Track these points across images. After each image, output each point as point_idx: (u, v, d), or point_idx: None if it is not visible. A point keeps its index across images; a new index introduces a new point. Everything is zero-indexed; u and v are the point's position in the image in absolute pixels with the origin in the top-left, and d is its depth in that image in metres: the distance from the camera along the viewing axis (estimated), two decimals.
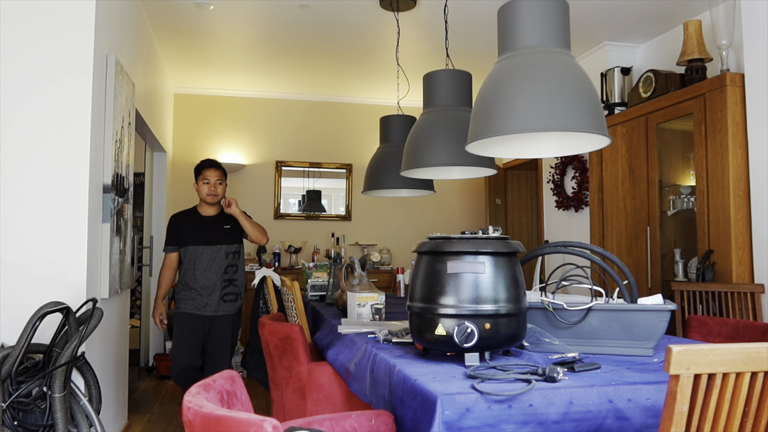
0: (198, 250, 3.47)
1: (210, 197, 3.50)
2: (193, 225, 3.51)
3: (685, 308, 3.30)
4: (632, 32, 4.37)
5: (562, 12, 1.75)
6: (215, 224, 3.53)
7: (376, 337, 1.94)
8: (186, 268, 3.49)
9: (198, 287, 3.45)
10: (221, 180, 3.53)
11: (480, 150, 1.96)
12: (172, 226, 3.54)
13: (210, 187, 3.49)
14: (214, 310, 3.47)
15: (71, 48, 2.57)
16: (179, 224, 3.52)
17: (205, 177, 3.49)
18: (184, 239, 3.49)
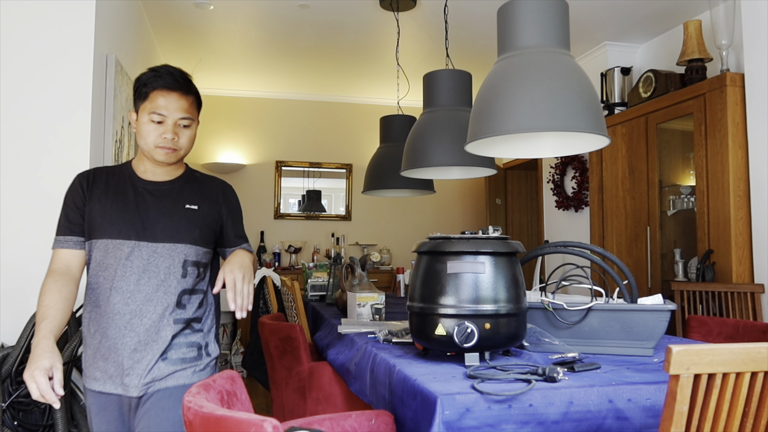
0: (122, 249, 1.58)
1: (164, 151, 1.61)
2: (122, 197, 1.63)
3: (685, 308, 3.30)
4: (632, 32, 4.37)
5: (562, 12, 1.75)
6: (168, 200, 1.66)
7: (376, 337, 1.94)
8: (94, 287, 1.62)
9: (114, 329, 1.57)
10: (189, 118, 1.64)
11: (480, 150, 1.96)
12: (76, 195, 1.65)
13: (163, 129, 1.60)
14: (143, 383, 1.56)
15: (71, 48, 2.57)
16: (91, 192, 1.64)
17: (156, 108, 1.59)
18: (95, 224, 1.61)
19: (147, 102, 1.60)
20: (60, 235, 1.63)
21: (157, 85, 1.59)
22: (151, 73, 1.61)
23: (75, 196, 1.65)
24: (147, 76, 1.61)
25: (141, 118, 1.61)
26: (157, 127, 1.60)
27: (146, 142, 1.61)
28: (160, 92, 1.59)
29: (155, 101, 1.59)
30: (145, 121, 1.60)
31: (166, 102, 1.59)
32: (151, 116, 1.59)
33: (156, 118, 1.59)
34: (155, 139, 1.60)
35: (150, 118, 1.59)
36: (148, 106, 1.59)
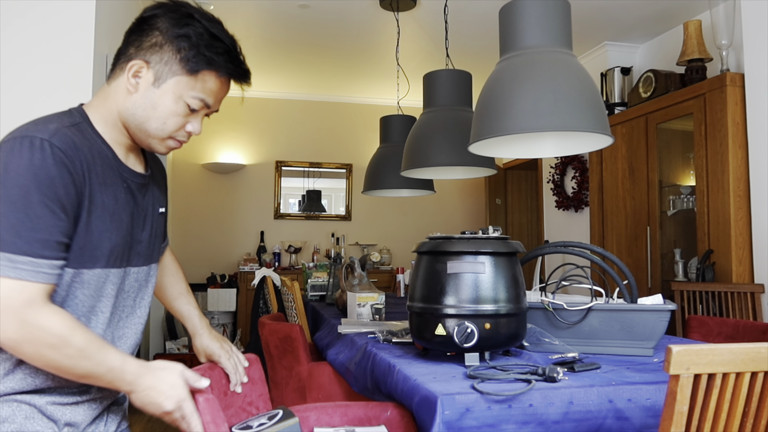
0: (112, 281, 1.11)
1: (172, 145, 1.15)
2: (116, 202, 1.10)
3: (685, 308, 3.30)
4: (632, 32, 4.37)
5: (564, 11, 1.75)
6: (149, 201, 1.22)
7: (376, 337, 1.94)
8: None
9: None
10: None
11: (482, 150, 1.96)
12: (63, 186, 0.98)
13: (192, 120, 1.14)
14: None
15: (71, 48, 2.57)
16: (85, 188, 1.02)
17: (206, 93, 1.12)
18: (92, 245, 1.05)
19: (195, 78, 1.08)
20: (48, 257, 0.95)
21: (227, 70, 1.12)
22: (222, 47, 1.09)
23: (66, 182, 0.98)
24: (215, 48, 1.08)
25: (167, 92, 1.08)
26: (185, 116, 1.11)
27: (158, 127, 1.10)
28: (222, 78, 1.13)
29: (209, 85, 1.11)
30: (173, 99, 1.09)
31: (221, 92, 1.15)
32: (190, 100, 1.10)
33: (196, 104, 1.11)
34: (174, 128, 1.11)
35: (186, 101, 1.10)
36: (194, 84, 1.09)
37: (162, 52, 1.07)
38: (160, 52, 1.07)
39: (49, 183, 0.95)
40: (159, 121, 1.10)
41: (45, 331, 0.93)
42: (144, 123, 1.10)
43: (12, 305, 0.91)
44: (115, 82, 1.11)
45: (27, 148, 0.95)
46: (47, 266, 0.95)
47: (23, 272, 0.92)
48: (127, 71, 1.08)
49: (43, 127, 0.99)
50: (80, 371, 0.97)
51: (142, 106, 1.09)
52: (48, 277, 0.95)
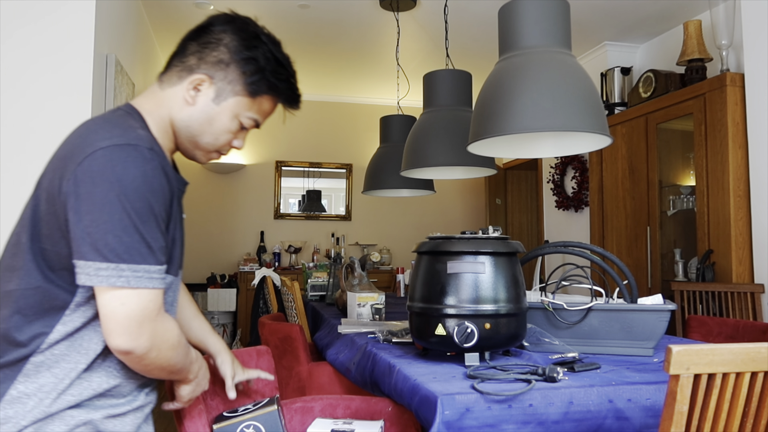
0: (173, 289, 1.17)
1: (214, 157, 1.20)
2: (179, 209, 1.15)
3: (685, 308, 3.30)
4: (632, 32, 4.37)
5: (563, 12, 1.75)
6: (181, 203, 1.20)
7: (376, 337, 1.94)
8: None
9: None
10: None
11: (481, 150, 1.96)
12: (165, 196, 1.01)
13: (239, 137, 1.18)
14: None
15: (71, 48, 2.57)
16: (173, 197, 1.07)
17: (260, 114, 1.17)
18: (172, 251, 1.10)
19: (254, 100, 1.12)
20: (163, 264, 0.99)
21: (287, 97, 1.16)
22: (285, 74, 1.13)
23: (167, 192, 1.01)
24: (279, 74, 1.12)
25: (226, 110, 1.11)
26: (236, 132, 1.15)
27: (210, 142, 1.12)
28: (275, 102, 1.16)
29: (264, 107, 1.15)
30: (230, 117, 1.12)
31: (270, 112, 1.18)
32: (245, 119, 1.13)
33: (248, 124, 1.14)
34: (224, 144, 1.15)
35: (241, 120, 1.13)
36: (252, 105, 1.12)
37: (227, 71, 1.09)
38: (226, 71, 1.09)
39: (161, 193, 0.98)
40: (212, 136, 1.12)
41: (168, 335, 1.00)
42: (197, 136, 1.12)
43: (150, 315, 0.95)
44: (171, 90, 1.11)
45: (137, 158, 0.95)
46: (164, 273, 0.99)
47: (157, 281, 0.96)
48: (187, 82, 1.09)
49: (134, 134, 0.98)
50: (179, 366, 1.06)
51: (199, 120, 1.10)
52: (164, 284, 1.00)
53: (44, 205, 0.99)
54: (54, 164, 1.00)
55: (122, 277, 0.92)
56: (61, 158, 0.98)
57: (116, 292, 0.92)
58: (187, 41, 1.13)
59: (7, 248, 1.06)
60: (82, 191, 0.93)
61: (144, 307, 0.94)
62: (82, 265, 0.93)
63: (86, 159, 0.94)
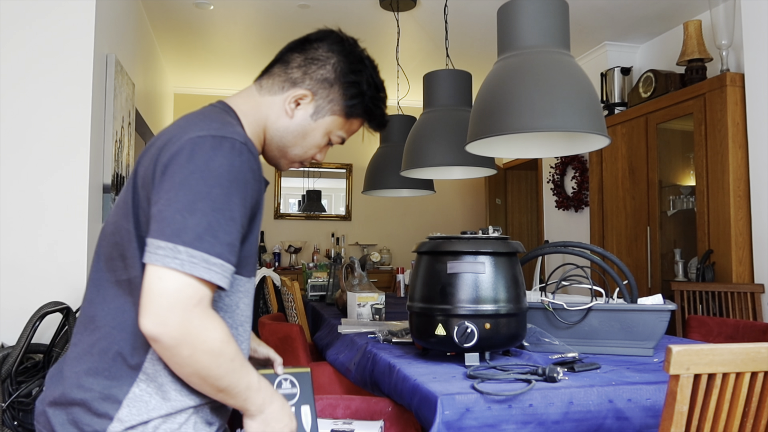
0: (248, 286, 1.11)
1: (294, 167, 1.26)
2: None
3: (685, 308, 3.30)
4: (632, 32, 4.37)
5: (562, 12, 1.74)
6: None
7: (376, 337, 1.94)
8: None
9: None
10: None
11: (480, 150, 1.96)
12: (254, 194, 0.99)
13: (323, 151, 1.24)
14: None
15: (71, 48, 2.57)
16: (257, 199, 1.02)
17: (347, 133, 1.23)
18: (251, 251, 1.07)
19: (347, 120, 1.16)
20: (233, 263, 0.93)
21: (376, 120, 1.20)
22: (380, 100, 1.19)
23: (255, 189, 0.99)
24: (377, 100, 1.17)
25: (321, 127, 1.14)
26: (323, 147, 1.20)
27: (298, 153, 1.17)
28: (360, 125, 1.21)
29: (353, 127, 1.20)
30: (322, 134, 1.15)
31: (355, 132, 1.23)
32: (335, 137, 1.18)
33: (336, 141, 1.20)
34: (311, 156, 1.20)
35: (330, 136, 1.17)
36: (344, 125, 1.17)
37: (331, 91, 1.12)
38: (329, 90, 1.12)
39: (244, 188, 0.94)
40: (302, 149, 1.16)
41: (207, 335, 0.89)
42: (288, 147, 1.15)
43: (185, 302, 0.87)
44: (271, 98, 1.13)
45: (228, 150, 0.93)
46: (229, 272, 0.92)
47: (214, 274, 0.89)
48: (290, 95, 1.11)
49: (232, 129, 0.97)
50: (224, 384, 0.93)
51: (293, 133, 1.13)
52: (227, 283, 0.91)
53: (141, 191, 0.96)
54: (151, 153, 0.97)
55: (177, 259, 0.86)
56: (159, 147, 0.96)
57: (162, 269, 0.87)
58: (291, 51, 1.16)
59: (105, 237, 1.02)
60: (167, 174, 0.91)
61: (180, 291, 0.86)
62: (148, 242, 0.89)
63: (179, 146, 0.93)
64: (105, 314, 0.97)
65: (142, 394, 0.94)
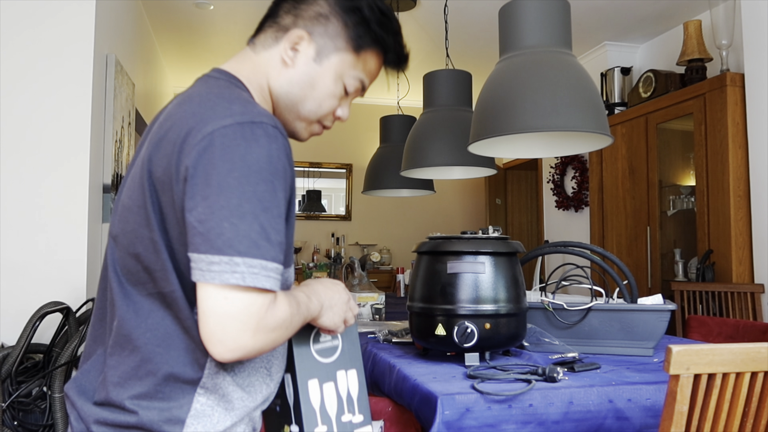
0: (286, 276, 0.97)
1: (317, 129, 1.04)
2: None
3: (685, 308, 3.30)
4: (632, 32, 4.37)
5: (564, 12, 1.75)
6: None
7: (376, 337, 1.94)
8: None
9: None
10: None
11: (482, 150, 1.96)
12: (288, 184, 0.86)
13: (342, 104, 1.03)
14: None
15: (71, 48, 2.57)
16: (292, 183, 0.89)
17: (366, 74, 1.02)
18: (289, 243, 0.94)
19: (359, 56, 0.99)
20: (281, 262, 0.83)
21: (392, 49, 1.02)
22: (391, 26, 1.00)
23: (291, 176, 0.88)
24: (385, 26, 0.99)
25: (330, 70, 0.98)
26: (339, 97, 1.01)
27: (312, 109, 0.99)
28: (380, 59, 1.02)
29: (369, 65, 1.01)
30: (333, 78, 0.99)
31: (376, 74, 1.04)
32: (350, 80, 1.00)
33: (353, 86, 1.01)
34: (327, 112, 1.01)
35: (345, 82, 1.00)
36: (356, 62, 0.99)
37: (328, 25, 0.97)
38: (326, 25, 0.97)
39: (284, 177, 0.83)
40: (315, 102, 0.98)
41: (282, 327, 0.83)
42: (299, 103, 0.98)
43: (255, 321, 0.79)
44: (267, 53, 0.98)
45: (263, 137, 0.81)
46: (281, 272, 0.82)
47: (273, 281, 0.79)
48: (284, 41, 0.97)
49: (256, 110, 0.84)
50: (299, 324, 0.89)
51: (300, 84, 0.97)
52: (280, 285, 0.82)
53: (163, 195, 0.85)
54: (166, 149, 0.84)
55: (236, 272, 0.76)
56: (175, 142, 0.83)
57: (223, 289, 0.77)
58: (279, 1, 1.00)
59: (119, 247, 0.91)
60: (199, 176, 0.79)
61: (248, 308, 0.78)
62: (195, 258, 0.78)
63: (206, 141, 0.81)
64: (143, 332, 0.87)
65: (205, 409, 0.87)
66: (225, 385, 0.88)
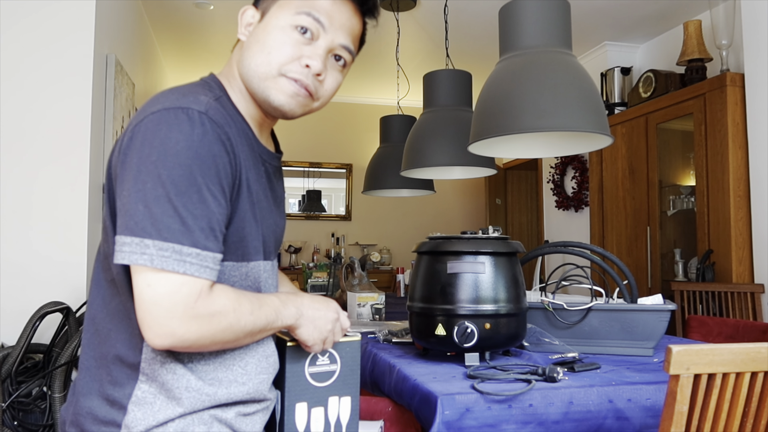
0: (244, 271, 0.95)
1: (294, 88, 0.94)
2: (263, 186, 0.99)
3: (685, 308, 3.30)
4: (632, 32, 4.37)
5: (564, 12, 1.74)
6: (280, 187, 1.11)
7: (376, 337, 1.94)
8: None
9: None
10: (350, 51, 1.00)
11: (482, 150, 1.96)
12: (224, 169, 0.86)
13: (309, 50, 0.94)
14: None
15: (71, 48, 2.57)
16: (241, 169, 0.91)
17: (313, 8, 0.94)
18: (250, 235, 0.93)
19: None
20: (213, 250, 0.83)
21: None
22: None
23: (225, 163, 0.86)
24: None
25: (271, 21, 0.95)
26: (298, 42, 0.93)
27: (263, 61, 0.93)
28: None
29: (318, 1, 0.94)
30: (279, 28, 0.93)
31: (335, 11, 0.95)
32: (298, 18, 0.93)
33: (307, 22, 0.93)
34: (287, 59, 0.93)
35: (294, 22, 0.93)
36: (298, 2, 0.94)
37: None
38: None
39: (212, 162, 0.82)
40: (264, 54, 0.93)
41: (219, 320, 0.82)
42: (251, 65, 0.94)
43: (186, 305, 0.79)
44: (237, 46, 1.01)
45: (185, 121, 0.81)
46: (211, 260, 0.81)
47: (190, 266, 0.79)
48: (240, 22, 1.00)
49: (194, 99, 0.84)
50: (256, 329, 0.88)
51: (251, 48, 0.95)
52: (211, 273, 0.81)
53: (114, 183, 0.87)
54: (119, 142, 0.89)
55: (145, 254, 0.77)
56: (123, 134, 0.88)
57: (145, 272, 0.78)
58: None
59: (102, 235, 0.95)
60: (126, 161, 0.82)
61: (174, 293, 0.78)
62: (116, 239, 0.81)
63: (136, 127, 0.83)
64: (104, 316, 0.91)
65: (146, 396, 0.87)
66: (165, 373, 0.87)
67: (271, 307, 0.90)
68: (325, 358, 1.02)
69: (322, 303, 0.98)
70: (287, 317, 0.92)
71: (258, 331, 0.88)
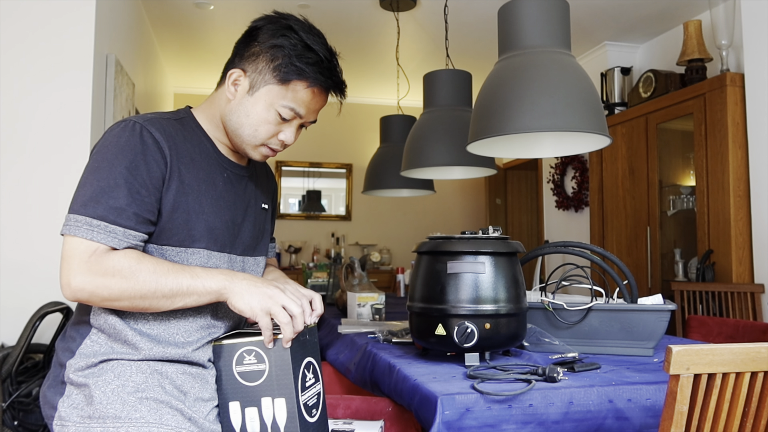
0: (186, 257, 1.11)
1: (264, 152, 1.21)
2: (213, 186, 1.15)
3: (685, 308, 3.30)
4: (632, 32, 4.37)
5: (563, 12, 1.74)
6: (249, 193, 1.27)
7: (376, 337, 1.94)
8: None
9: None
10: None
11: (481, 150, 1.96)
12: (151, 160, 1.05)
13: (285, 130, 1.20)
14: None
15: (71, 48, 2.57)
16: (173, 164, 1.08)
17: (298, 104, 1.17)
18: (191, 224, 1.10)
19: (286, 88, 1.12)
20: (123, 226, 0.99)
21: (317, 81, 1.15)
22: (314, 58, 1.13)
23: (150, 159, 1.03)
24: (306, 58, 1.12)
25: (260, 100, 1.13)
26: (278, 125, 1.16)
27: (250, 134, 1.14)
28: (313, 89, 1.16)
29: (300, 95, 1.14)
30: (265, 107, 1.13)
31: (313, 103, 1.19)
32: (281, 109, 1.13)
33: (286, 114, 1.15)
34: (266, 136, 1.16)
35: (277, 110, 1.13)
36: (287, 94, 1.13)
37: (257, 62, 1.13)
38: (256, 62, 1.13)
39: (133, 158, 1.02)
40: (251, 128, 1.15)
41: (113, 273, 0.97)
42: (238, 129, 1.15)
43: (80, 258, 0.97)
44: (220, 90, 1.18)
45: (121, 128, 1.04)
46: (121, 234, 0.99)
47: (96, 234, 0.98)
48: (227, 79, 1.15)
49: (143, 116, 1.08)
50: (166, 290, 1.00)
51: (237, 113, 1.15)
52: (119, 243, 0.99)
53: None
54: None
55: (67, 225, 0.99)
56: None
57: (65, 238, 0.99)
58: (235, 46, 1.18)
59: None
60: None
61: (70, 252, 0.97)
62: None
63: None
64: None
65: (97, 338, 1.05)
66: (109, 328, 1.04)
67: (190, 272, 1.02)
68: (252, 357, 1.04)
69: (269, 283, 1.06)
70: (211, 283, 1.02)
71: (171, 292, 1.00)
